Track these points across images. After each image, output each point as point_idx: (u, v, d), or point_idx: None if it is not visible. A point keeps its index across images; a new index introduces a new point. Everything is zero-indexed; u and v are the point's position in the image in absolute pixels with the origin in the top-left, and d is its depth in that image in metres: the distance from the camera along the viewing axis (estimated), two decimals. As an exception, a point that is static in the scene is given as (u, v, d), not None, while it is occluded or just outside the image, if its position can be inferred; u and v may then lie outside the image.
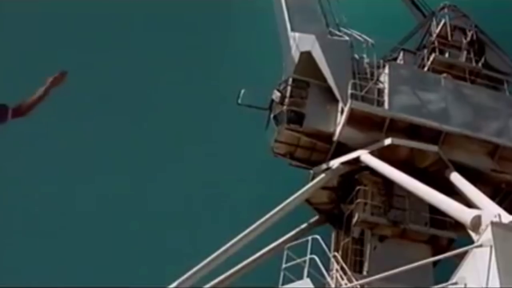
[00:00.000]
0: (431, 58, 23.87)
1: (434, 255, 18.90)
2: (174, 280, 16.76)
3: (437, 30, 25.31)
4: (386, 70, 21.37)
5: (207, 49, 31.15)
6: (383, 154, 19.52)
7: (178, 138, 28.79)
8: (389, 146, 19.46)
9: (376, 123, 20.10)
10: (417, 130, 20.22)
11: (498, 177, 20.60)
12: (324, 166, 20.33)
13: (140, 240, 27.40)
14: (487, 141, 20.52)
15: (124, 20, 31.70)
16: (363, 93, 20.47)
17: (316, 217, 21.68)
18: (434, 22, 26.03)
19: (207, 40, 31.53)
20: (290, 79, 21.52)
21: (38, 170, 28.15)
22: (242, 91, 21.46)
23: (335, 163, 20.14)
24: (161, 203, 27.84)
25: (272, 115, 21.22)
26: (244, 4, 29.57)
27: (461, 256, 13.52)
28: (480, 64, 24.30)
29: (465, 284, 12.68)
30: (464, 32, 25.50)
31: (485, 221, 14.22)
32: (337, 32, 22.49)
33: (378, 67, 21.55)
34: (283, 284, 17.60)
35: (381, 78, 21.29)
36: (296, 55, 22.14)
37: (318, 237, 18.55)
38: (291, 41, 22.66)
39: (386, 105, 20.41)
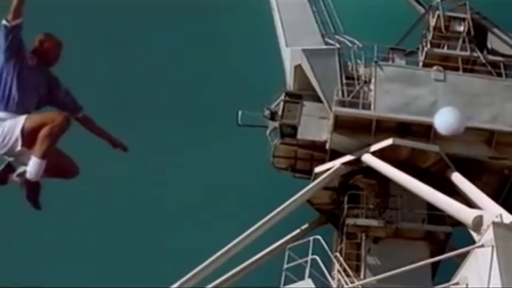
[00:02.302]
0: (423, 53, 23.61)
1: (432, 251, 19.05)
2: (176, 280, 16.79)
3: (433, 24, 25.00)
4: (373, 72, 21.36)
5: (208, 57, 31.10)
6: (384, 154, 19.52)
7: (179, 141, 28.79)
8: (390, 146, 19.44)
9: (363, 126, 20.06)
10: (407, 128, 20.09)
11: (499, 164, 20.34)
12: (325, 166, 20.34)
13: (142, 240, 27.39)
14: (481, 129, 20.16)
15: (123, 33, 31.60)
16: (349, 98, 20.54)
17: (318, 218, 21.70)
18: (431, 16, 25.67)
19: (207, 48, 31.48)
20: (283, 94, 21.74)
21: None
22: (240, 112, 21.64)
23: (336, 163, 20.16)
24: (163, 203, 27.84)
25: (268, 132, 21.45)
26: (246, 16, 29.51)
27: (463, 256, 13.55)
28: (478, 52, 23.64)
29: (467, 284, 12.71)
30: (464, 21, 25.14)
31: (487, 221, 14.25)
32: (331, 41, 22.47)
33: (368, 70, 21.56)
34: (285, 285, 17.65)
35: (372, 80, 21.28)
36: (291, 69, 22.36)
37: (319, 237, 18.59)
38: (286, 56, 22.76)
39: (372, 107, 20.40)
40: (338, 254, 18.90)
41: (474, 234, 14.81)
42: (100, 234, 27.04)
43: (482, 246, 12.61)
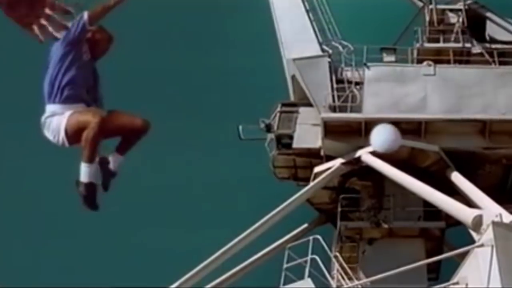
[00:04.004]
0: (415, 49, 23.40)
1: (430, 247, 19.03)
2: (176, 280, 16.80)
3: (428, 18, 24.85)
4: (364, 73, 21.40)
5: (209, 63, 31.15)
6: (383, 154, 19.48)
7: (180, 138, 28.79)
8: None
9: (354, 129, 19.98)
10: (398, 127, 19.91)
11: (494, 153, 19.97)
12: (325, 166, 20.34)
13: (141, 239, 27.39)
14: (472, 120, 19.85)
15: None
16: (339, 103, 20.60)
17: (317, 217, 21.71)
18: (426, 11, 25.30)
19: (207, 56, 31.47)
20: (279, 105, 22.01)
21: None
22: (240, 127, 21.75)
23: (336, 163, 20.15)
24: (162, 203, 27.85)
25: (266, 144, 21.58)
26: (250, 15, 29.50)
27: (462, 256, 13.57)
28: (474, 42, 23.30)
29: (467, 284, 12.75)
30: (460, 12, 24.49)
31: (487, 220, 14.28)
32: (327, 48, 22.55)
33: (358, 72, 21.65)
34: (284, 284, 17.65)
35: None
36: (289, 80, 22.60)
37: (319, 237, 18.60)
38: (286, 67, 22.96)
39: (362, 109, 20.38)
40: (337, 253, 18.90)
41: (473, 234, 14.81)
42: (99, 233, 27.03)
43: (482, 245, 12.66)
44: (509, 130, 19.77)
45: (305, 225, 21.13)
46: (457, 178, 18.80)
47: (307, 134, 20.98)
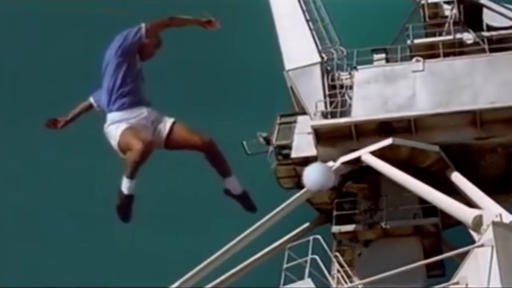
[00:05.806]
0: (407, 47, 23.38)
1: (427, 244, 18.98)
2: (176, 280, 16.80)
3: (422, 14, 24.78)
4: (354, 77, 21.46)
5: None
6: (384, 154, 19.47)
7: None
8: (390, 146, 19.39)
9: (345, 133, 19.97)
10: (390, 127, 19.86)
11: (488, 143, 19.72)
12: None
13: (141, 240, 27.41)
14: (462, 112, 19.62)
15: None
16: (330, 109, 20.79)
17: (317, 217, 21.71)
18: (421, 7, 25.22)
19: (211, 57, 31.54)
20: (278, 117, 22.37)
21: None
22: (245, 143, 22.09)
23: (335, 163, 20.14)
24: (162, 203, 27.88)
25: (268, 156, 21.83)
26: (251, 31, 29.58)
27: (462, 256, 13.57)
28: (471, 32, 23.34)
29: (466, 284, 12.75)
30: (453, 4, 24.58)
31: (487, 220, 14.25)
32: (325, 56, 22.68)
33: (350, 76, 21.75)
34: (284, 284, 17.65)
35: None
36: (290, 91, 22.94)
37: (319, 237, 18.62)
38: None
39: (351, 113, 20.41)
40: (337, 253, 18.90)
41: (474, 234, 14.80)
42: (100, 234, 27.06)
43: (482, 245, 12.64)
44: (500, 118, 19.53)
45: (305, 225, 21.14)
46: (457, 178, 18.77)
47: (304, 143, 21.12)
